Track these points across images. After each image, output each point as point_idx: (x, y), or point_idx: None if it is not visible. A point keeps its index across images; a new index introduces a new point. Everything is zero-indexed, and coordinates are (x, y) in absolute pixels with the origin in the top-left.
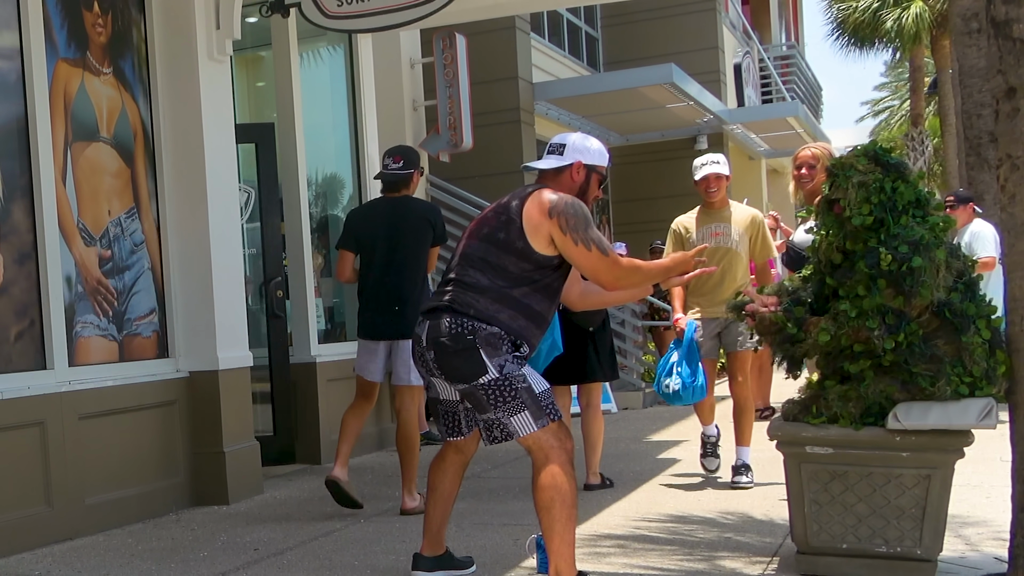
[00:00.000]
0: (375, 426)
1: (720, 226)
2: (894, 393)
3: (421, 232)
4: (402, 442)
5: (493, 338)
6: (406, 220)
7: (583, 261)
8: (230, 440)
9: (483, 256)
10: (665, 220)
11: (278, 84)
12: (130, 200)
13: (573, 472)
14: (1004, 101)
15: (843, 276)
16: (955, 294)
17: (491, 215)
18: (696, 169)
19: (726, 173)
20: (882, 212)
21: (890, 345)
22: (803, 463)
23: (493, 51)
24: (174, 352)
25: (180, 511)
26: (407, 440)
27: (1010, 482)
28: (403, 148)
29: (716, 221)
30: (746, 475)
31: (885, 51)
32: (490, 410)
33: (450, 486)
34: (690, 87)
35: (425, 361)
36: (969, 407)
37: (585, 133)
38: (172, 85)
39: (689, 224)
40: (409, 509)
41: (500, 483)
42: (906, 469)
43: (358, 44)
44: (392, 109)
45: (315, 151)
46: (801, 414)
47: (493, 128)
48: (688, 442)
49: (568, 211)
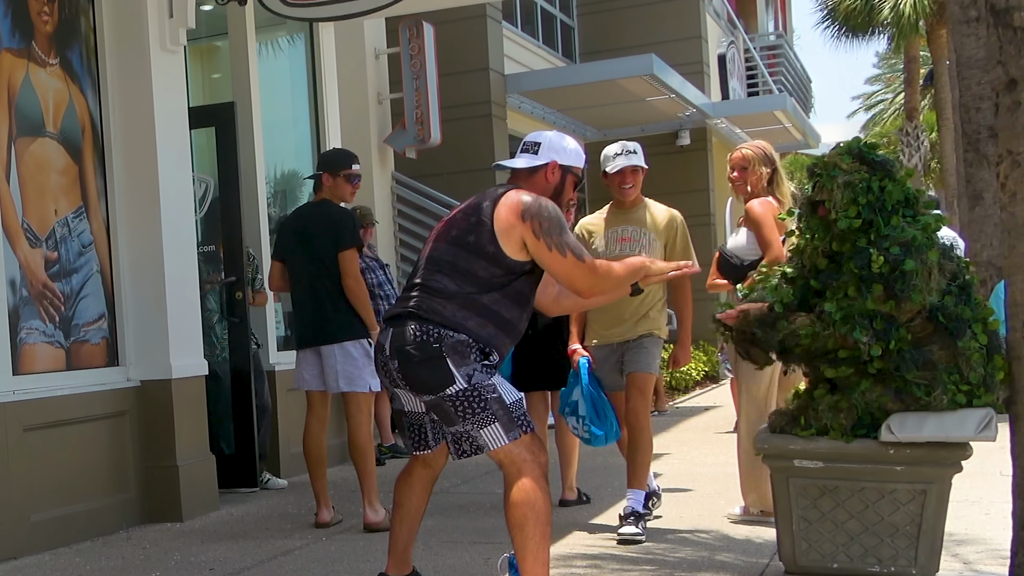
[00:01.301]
0: (336, 438)
1: (630, 229)
2: (887, 403)
3: (326, 238)
4: (352, 453)
5: (460, 346)
6: (315, 226)
7: (557, 267)
8: (184, 453)
9: (451, 260)
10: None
11: (235, 76)
12: (78, 199)
13: (547, 487)
14: (1004, 94)
15: (828, 278)
16: (949, 297)
17: (460, 217)
18: (607, 160)
19: (644, 165)
20: (870, 213)
21: (877, 352)
22: (791, 477)
23: (462, 41)
24: (125, 360)
25: (131, 528)
26: (357, 450)
27: (1011, 498)
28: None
29: (626, 223)
30: (635, 525)
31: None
32: (458, 422)
33: (417, 502)
34: (671, 79)
35: (389, 371)
36: (967, 418)
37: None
38: (123, 77)
39: (594, 226)
40: (372, 524)
41: (470, 499)
42: (900, 484)
43: (319, 34)
44: (356, 102)
45: (274, 147)
46: (789, 425)
47: (462, 122)
48: (669, 455)
49: (542, 214)
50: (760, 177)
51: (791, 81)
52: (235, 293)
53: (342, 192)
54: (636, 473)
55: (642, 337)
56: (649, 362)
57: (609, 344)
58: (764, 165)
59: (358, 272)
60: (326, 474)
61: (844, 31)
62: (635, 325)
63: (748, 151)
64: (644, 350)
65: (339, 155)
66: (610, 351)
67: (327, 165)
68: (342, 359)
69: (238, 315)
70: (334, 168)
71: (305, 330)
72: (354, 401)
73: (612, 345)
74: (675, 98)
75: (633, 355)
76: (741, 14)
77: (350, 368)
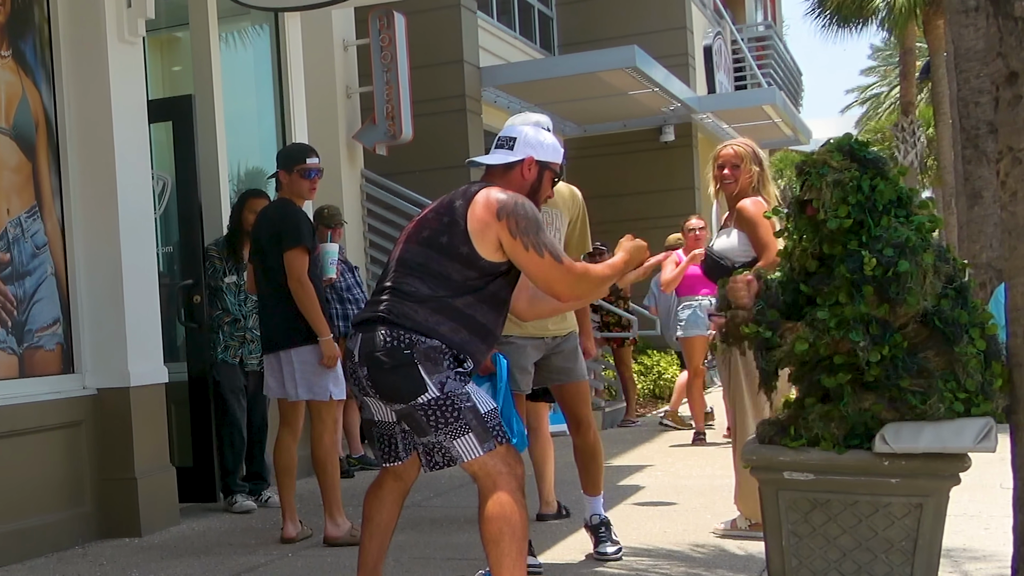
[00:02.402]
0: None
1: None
2: (881, 412)
3: (270, 239)
4: (313, 464)
5: (433, 352)
6: (261, 227)
7: (534, 269)
8: (143, 465)
9: (423, 262)
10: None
11: (196, 69)
12: (31, 198)
13: (524, 501)
14: (1004, 87)
15: (819, 282)
16: (945, 301)
17: (432, 216)
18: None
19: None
20: (861, 213)
21: (875, 358)
22: (780, 490)
23: (436, 32)
24: (80, 367)
25: (87, 544)
26: (317, 462)
27: (1011, 511)
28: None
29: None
30: (610, 540)
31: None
32: (430, 432)
33: (388, 516)
34: (655, 72)
35: (358, 379)
36: (965, 428)
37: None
38: (78, 70)
39: None
40: (332, 538)
41: (443, 513)
42: (895, 497)
43: (285, 24)
44: (323, 96)
45: (237, 143)
46: (778, 436)
47: (435, 117)
48: (652, 467)
49: (519, 212)
50: (752, 176)
51: (781, 74)
52: (192, 296)
53: (299, 189)
54: (598, 479)
55: (569, 335)
56: (583, 368)
57: (531, 338)
58: (754, 164)
59: (302, 274)
60: (294, 486)
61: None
62: (562, 319)
63: (740, 148)
64: (575, 354)
65: (292, 150)
66: (532, 348)
67: (281, 161)
68: (300, 366)
69: (196, 320)
70: (287, 164)
71: (262, 336)
72: (315, 409)
73: (534, 340)
74: (659, 92)
75: (568, 362)
76: (728, 4)
77: (310, 375)
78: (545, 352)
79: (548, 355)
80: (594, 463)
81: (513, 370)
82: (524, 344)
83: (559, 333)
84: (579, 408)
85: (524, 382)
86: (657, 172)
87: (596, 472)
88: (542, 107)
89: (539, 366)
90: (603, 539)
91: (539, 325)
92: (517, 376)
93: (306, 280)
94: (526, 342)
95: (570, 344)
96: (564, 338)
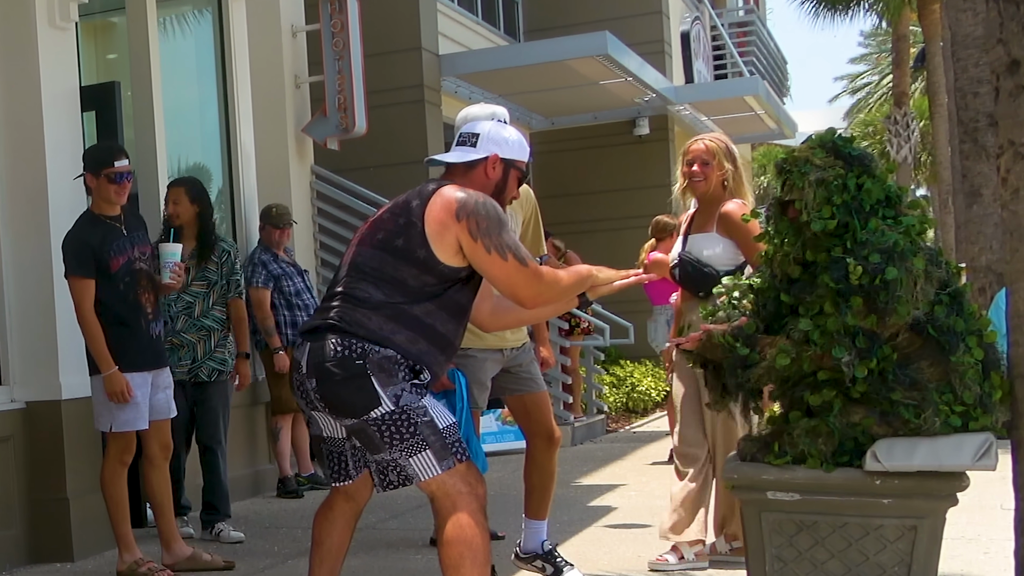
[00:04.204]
0: (250, 467)
1: None
2: (872, 427)
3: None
4: None
5: (387, 363)
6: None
7: (497, 273)
8: (76, 485)
9: (377, 266)
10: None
11: (132, 56)
12: None
13: (486, 523)
14: (1005, 77)
15: (802, 291)
16: (939, 307)
17: (387, 217)
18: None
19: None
20: (846, 215)
21: (862, 373)
22: (764, 511)
23: (391, 17)
24: (8, 379)
25: (15, 569)
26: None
27: (1013, 534)
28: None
29: None
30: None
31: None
32: (384, 449)
33: (338, 540)
34: (628, 60)
35: (305, 391)
36: (963, 444)
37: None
38: (5, 57)
39: None
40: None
41: (400, 535)
42: (888, 519)
43: (229, 8)
44: (270, 86)
45: (177, 136)
46: (761, 453)
47: (391, 109)
48: (625, 486)
49: (479, 212)
50: (724, 174)
51: (764, 62)
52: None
53: (106, 194)
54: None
55: (524, 346)
56: (542, 378)
57: (491, 351)
58: (728, 161)
59: (79, 304)
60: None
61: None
62: (519, 328)
63: (712, 143)
64: (535, 363)
65: (99, 151)
66: (492, 361)
67: (87, 162)
68: (93, 394)
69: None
70: (94, 166)
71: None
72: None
73: (493, 353)
74: (632, 81)
75: (529, 371)
76: None
77: (95, 405)
78: (504, 365)
79: (506, 367)
80: (552, 483)
81: (471, 386)
82: (484, 357)
83: (516, 344)
84: (547, 419)
85: (482, 399)
86: (630, 168)
87: (550, 493)
88: (506, 98)
89: (495, 377)
90: (564, 565)
91: (498, 336)
92: (475, 392)
93: (85, 311)
94: (486, 355)
95: (527, 354)
96: (520, 349)
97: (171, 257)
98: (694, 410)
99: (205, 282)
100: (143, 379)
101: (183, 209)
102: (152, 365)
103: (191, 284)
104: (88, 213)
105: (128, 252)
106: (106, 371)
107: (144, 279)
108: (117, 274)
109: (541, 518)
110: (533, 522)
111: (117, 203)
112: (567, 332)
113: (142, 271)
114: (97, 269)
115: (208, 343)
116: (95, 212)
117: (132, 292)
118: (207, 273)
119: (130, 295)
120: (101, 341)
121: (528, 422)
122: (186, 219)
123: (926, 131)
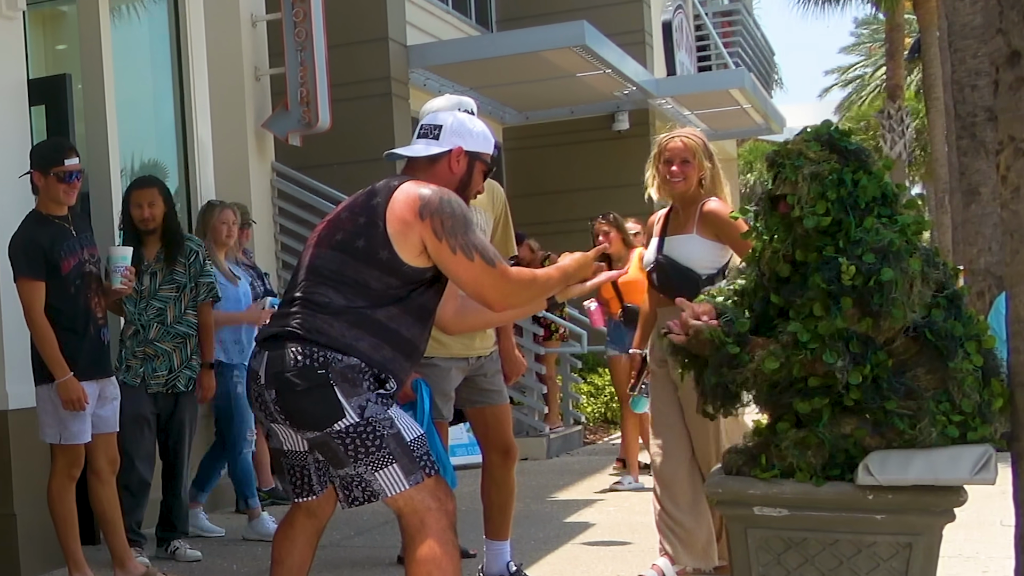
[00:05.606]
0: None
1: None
2: (865, 438)
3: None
4: None
5: (351, 372)
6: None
7: (463, 273)
8: (24, 500)
9: (337, 269)
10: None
11: (83, 47)
12: None
13: (456, 540)
14: (1005, 69)
15: (792, 292)
16: (936, 311)
17: (346, 216)
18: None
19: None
20: (841, 211)
21: (856, 379)
22: (750, 528)
23: (357, 5)
24: None
25: None
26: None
27: (1013, 552)
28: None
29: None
30: None
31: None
32: (348, 463)
33: (300, 558)
34: (607, 51)
35: (264, 403)
36: (961, 457)
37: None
38: None
39: None
40: None
41: (365, 553)
42: (881, 536)
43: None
44: (229, 79)
45: (131, 132)
46: (747, 466)
47: (357, 103)
48: (603, 501)
49: (444, 210)
50: (704, 174)
51: (750, 54)
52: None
53: (55, 193)
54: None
55: (492, 354)
56: (505, 390)
57: (455, 359)
58: (707, 159)
59: (29, 308)
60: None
61: None
62: (486, 335)
63: (691, 140)
64: (499, 375)
65: (47, 148)
66: (456, 370)
67: (34, 160)
68: (39, 404)
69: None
70: (42, 164)
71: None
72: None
73: (458, 361)
74: (611, 74)
75: (493, 383)
76: None
77: (41, 415)
78: (467, 373)
79: (470, 375)
80: (512, 499)
81: (435, 396)
82: (448, 366)
83: (483, 352)
84: (505, 433)
85: (447, 409)
86: (609, 165)
87: (511, 511)
88: (478, 91)
89: (458, 387)
90: None
91: (465, 343)
92: (439, 403)
93: (35, 315)
94: (450, 364)
95: (494, 364)
96: (487, 357)
97: (121, 261)
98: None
99: (174, 285)
100: (92, 389)
101: (159, 211)
102: (101, 374)
103: (159, 289)
104: (35, 213)
105: (78, 254)
106: (60, 377)
107: (95, 283)
108: (68, 276)
109: (503, 538)
110: (495, 543)
111: (66, 203)
112: (543, 338)
113: (92, 274)
114: (47, 271)
115: (184, 351)
116: (42, 212)
117: (83, 296)
118: (175, 276)
119: (80, 299)
120: (54, 346)
121: (486, 435)
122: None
123: (921, 126)
